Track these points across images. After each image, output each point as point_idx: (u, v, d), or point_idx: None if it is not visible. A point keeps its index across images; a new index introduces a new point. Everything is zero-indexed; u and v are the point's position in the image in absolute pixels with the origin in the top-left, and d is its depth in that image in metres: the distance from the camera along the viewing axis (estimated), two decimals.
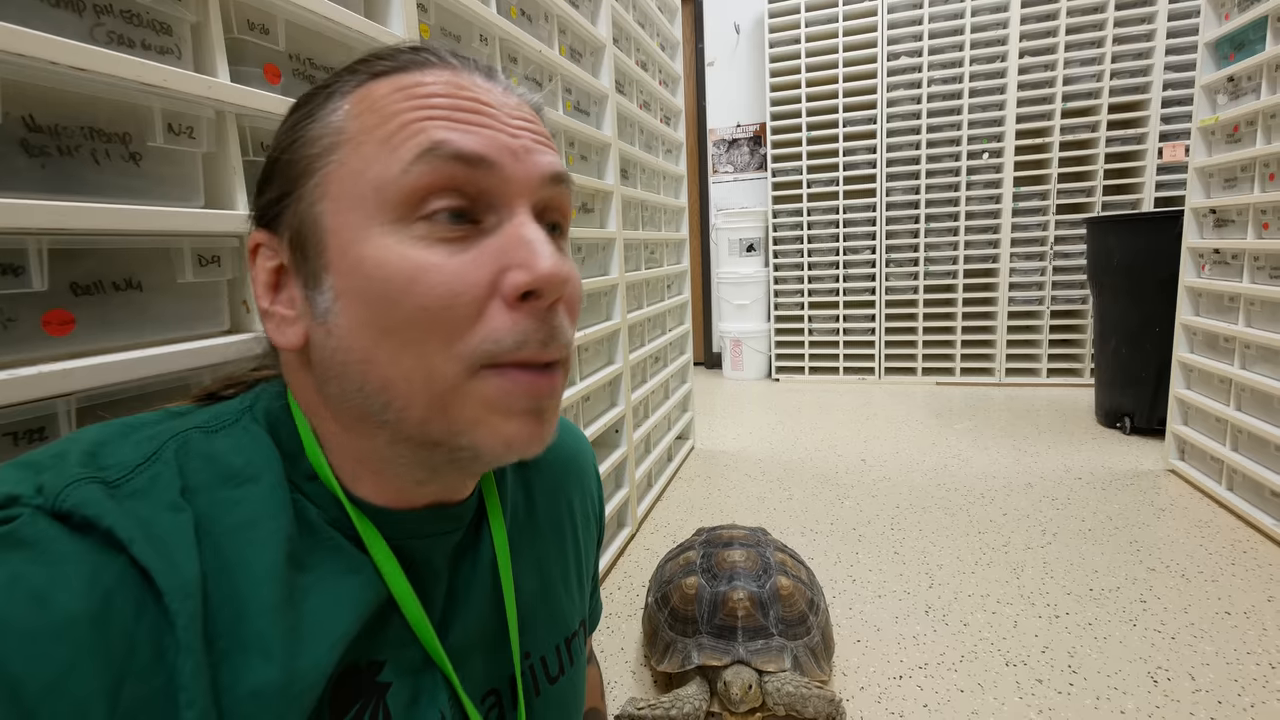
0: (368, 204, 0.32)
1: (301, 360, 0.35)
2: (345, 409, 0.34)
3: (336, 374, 0.33)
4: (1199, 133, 1.82)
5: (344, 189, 0.32)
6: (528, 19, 1.24)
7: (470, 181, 0.32)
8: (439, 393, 0.32)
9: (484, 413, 0.32)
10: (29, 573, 0.25)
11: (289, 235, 0.34)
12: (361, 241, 0.32)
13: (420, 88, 0.33)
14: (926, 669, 1.15)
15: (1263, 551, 1.50)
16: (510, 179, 0.33)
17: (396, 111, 0.32)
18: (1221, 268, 1.77)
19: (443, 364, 0.31)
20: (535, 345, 0.33)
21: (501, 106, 0.34)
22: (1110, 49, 2.93)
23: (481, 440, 0.33)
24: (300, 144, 0.34)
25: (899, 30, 3.22)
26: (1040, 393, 3.09)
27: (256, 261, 0.36)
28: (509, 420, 0.33)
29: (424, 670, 0.37)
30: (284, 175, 0.34)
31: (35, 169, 0.48)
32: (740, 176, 3.90)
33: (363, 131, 0.32)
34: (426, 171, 0.31)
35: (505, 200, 0.33)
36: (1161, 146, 2.91)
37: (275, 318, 0.35)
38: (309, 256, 0.33)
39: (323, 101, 0.34)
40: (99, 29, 0.53)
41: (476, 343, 0.32)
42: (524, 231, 0.33)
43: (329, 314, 0.33)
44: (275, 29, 0.68)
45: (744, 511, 1.86)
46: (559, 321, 0.34)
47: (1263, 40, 1.57)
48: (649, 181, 2.02)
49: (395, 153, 0.31)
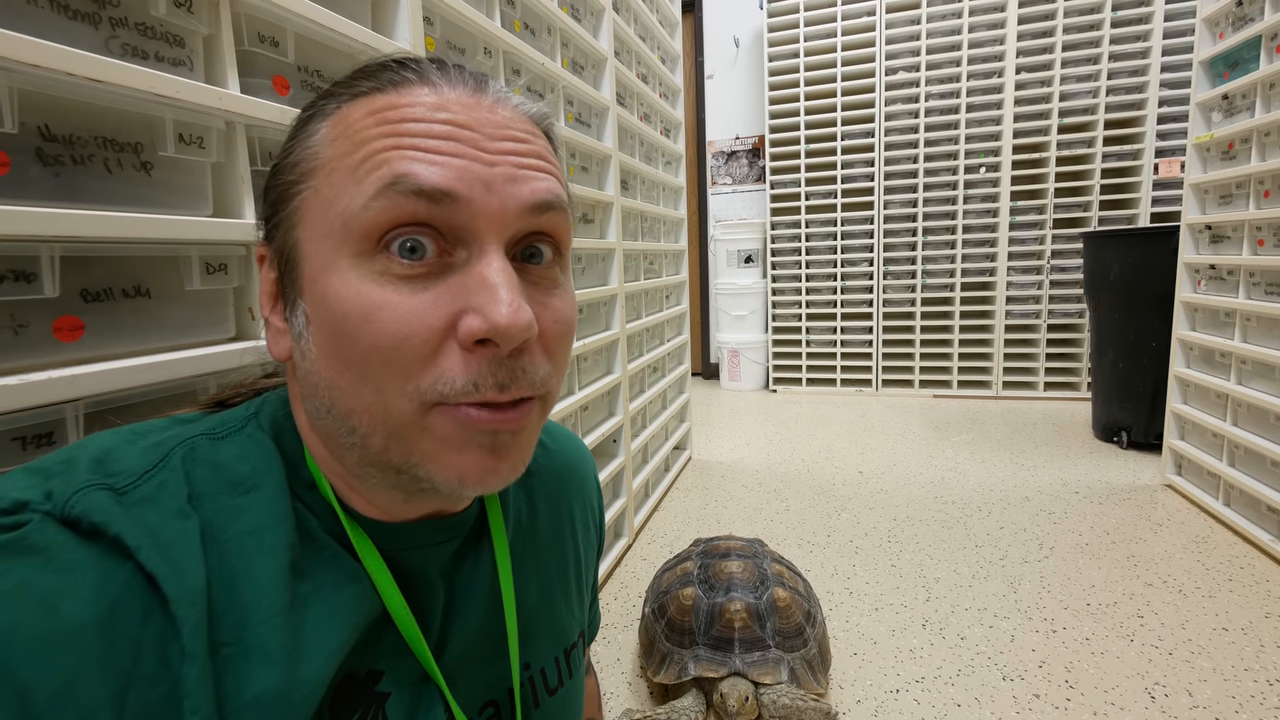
0: (335, 235, 0.31)
1: (294, 373, 0.36)
2: (319, 427, 0.35)
3: (310, 394, 0.34)
4: (1194, 149, 1.84)
5: (316, 217, 0.32)
6: (531, 32, 1.26)
7: (435, 217, 0.31)
8: (395, 426, 0.32)
9: (436, 448, 0.32)
10: (37, 579, 0.25)
11: (277, 253, 0.35)
12: (329, 272, 0.31)
13: (393, 111, 0.31)
14: (923, 683, 1.15)
15: (1260, 567, 1.50)
16: (480, 213, 0.31)
17: (367, 139, 0.31)
18: (1217, 283, 1.78)
19: (397, 400, 0.31)
20: (491, 388, 0.31)
21: (483, 128, 0.32)
22: (1106, 65, 2.96)
23: (436, 473, 0.32)
24: (284, 168, 0.34)
25: (897, 45, 3.25)
26: (1037, 406, 3.10)
27: (262, 270, 0.37)
28: (461, 454, 0.32)
29: (422, 681, 0.37)
30: (270, 198, 0.35)
31: (49, 178, 0.49)
32: (739, 188, 3.93)
33: (335, 159, 0.32)
34: (387, 207, 0.30)
35: (475, 234, 0.31)
36: (1157, 162, 2.94)
37: (272, 328, 0.36)
38: (289, 278, 0.34)
39: (306, 123, 0.34)
40: (114, 41, 0.54)
41: (429, 384, 0.31)
42: (488, 273, 0.31)
43: (302, 338, 0.33)
44: (285, 41, 0.69)
45: (741, 522, 1.86)
46: (523, 364, 0.32)
47: (1256, 59, 1.60)
48: (649, 193, 2.03)
49: (360, 185, 0.30)
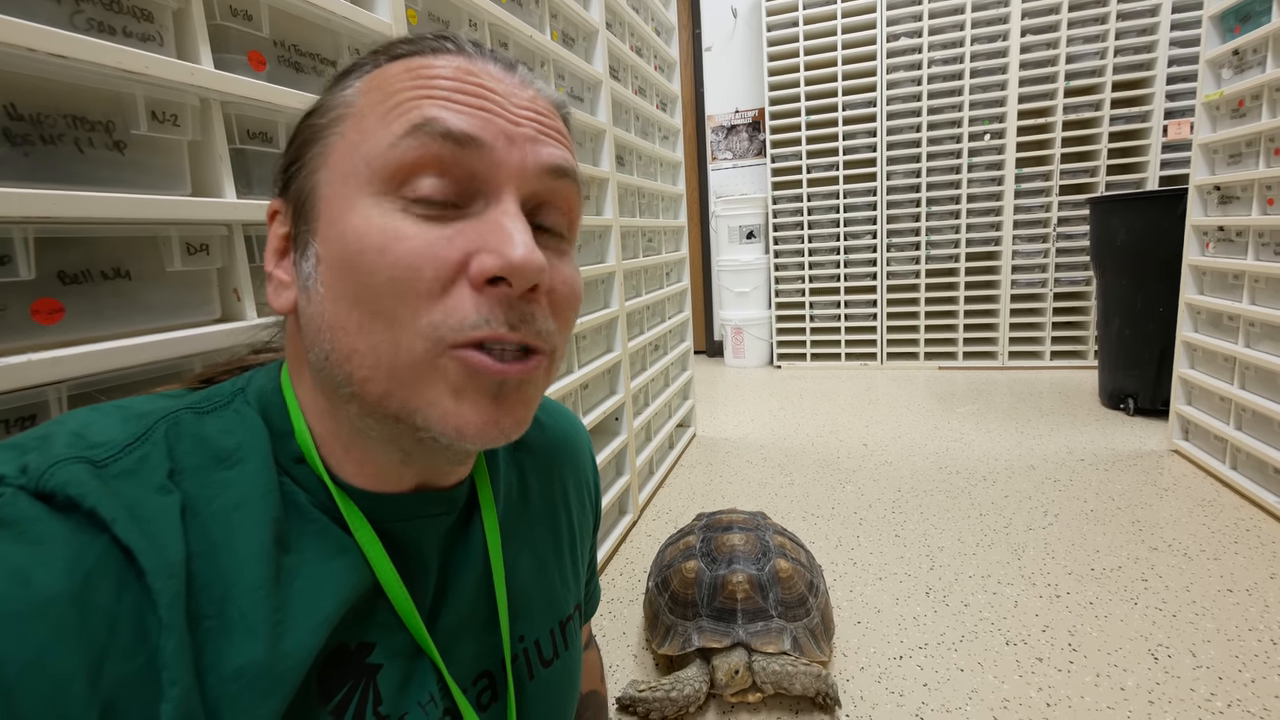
0: (359, 176, 0.32)
1: (295, 327, 0.36)
2: (320, 379, 0.35)
3: (312, 341, 0.34)
4: (1203, 108, 1.80)
5: (341, 159, 0.33)
6: (518, 3, 1.23)
7: (457, 162, 0.32)
8: (400, 367, 0.31)
9: (438, 393, 0.32)
10: (9, 552, 0.25)
11: (293, 200, 0.35)
12: (349, 211, 0.32)
13: (428, 69, 0.33)
14: (927, 649, 1.15)
15: (1266, 529, 1.49)
16: (500, 163, 0.33)
17: (399, 89, 0.33)
18: (1226, 245, 1.75)
19: (408, 339, 0.31)
20: (501, 325, 0.32)
21: (509, 95, 0.34)
22: (1114, 25, 2.89)
23: (434, 422, 0.32)
24: (315, 112, 0.35)
25: (898, 10, 3.18)
26: (1043, 375, 3.08)
27: (271, 228, 0.37)
28: (461, 401, 0.32)
29: (414, 654, 0.37)
30: (296, 142, 0.36)
31: (18, 158, 0.48)
32: (739, 163, 3.87)
33: (368, 107, 0.33)
34: (414, 147, 0.31)
35: (493, 185, 0.33)
36: (1166, 124, 2.87)
37: (274, 281, 0.36)
38: (303, 222, 0.34)
39: (343, 77, 0.36)
40: (79, 16, 0.52)
41: (439, 318, 0.31)
42: (503, 219, 0.32)
43: (310, 279, 0.33)
44: (259, 15, 0.67)
45: (745, 497, 1.86)
46: (533, 310, 0.33)
47: (1269, 12, 1.55)
48: (646, 168, 2.01)
49: (389, 127, 0.32)
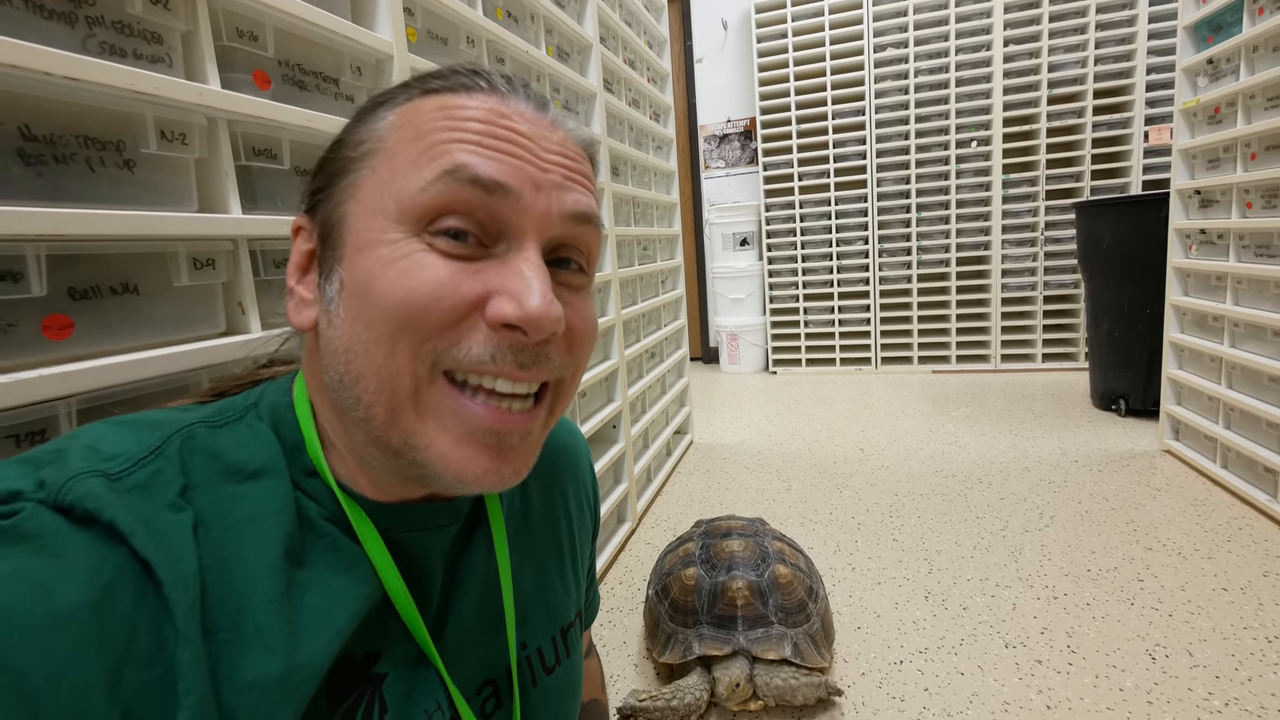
0: (388, 212, 0.33)
1: (314, 344, 0.37)
2: (334, 400, 0.35)
3: (328, 362, 0.34)
4: (1181, 115, 1.84)
5: (371, 194, 0.34)
6: (514, 20, 1.25)
7: (484, 206, 0.32)
8: (401, 394, 0.32)
9: (437, 430, 0.33)
10: (32, 566, 0.25)
11: (320, 224, 0.36)
12: (374, 244, 0.33)
13: (461, 110, 0.34)
14: (927, 653, 1.16)
15: (1258, 527, 1.51)
16: (526, 209, 0.33)
17: (431, 130, 0.33)
18: (1208, 248, 1.78)
19: (409, 361, 0.32)
20: (510, 365, 0.32)
21: (539, 140, 0.35)
22: (1094, 35, 2.95)
23: (434, 462, 0.33)
24: (345, 145, 0.36)
25: (885, 22, 3.23)
26: (1036, 378, 3.11)
27: (295, 243, 0.38)
28: (460, 445, 0.33)
29: (419, 663, 0.38)
30: (327, 170, 0.37)
31: (32, 177, 0.49)
32: (732, 171, 3.91)
33: (399, 144, 0.34)
34: (443, 191, 0.32)
35: (518, 230, 0.33)
36: (1148, 130, 2.93)
37: (296, 297, 0.37)
38: (329, 248, 0.35)
39: (374, 109, 0.36)
40: (91, 40, 0.54)
41: (445, 346, 0.32)
42: (524, 266, 0.33)
43: (333, 304, 0.34)
44: (264, 36, 0.69)
45: (743, 504, 1.87)
46: (548, 350, 0.34)
47: (1239, 22, 1.59)
48: (640, 178, 2.03)
49: (420, 170, 0.32)
